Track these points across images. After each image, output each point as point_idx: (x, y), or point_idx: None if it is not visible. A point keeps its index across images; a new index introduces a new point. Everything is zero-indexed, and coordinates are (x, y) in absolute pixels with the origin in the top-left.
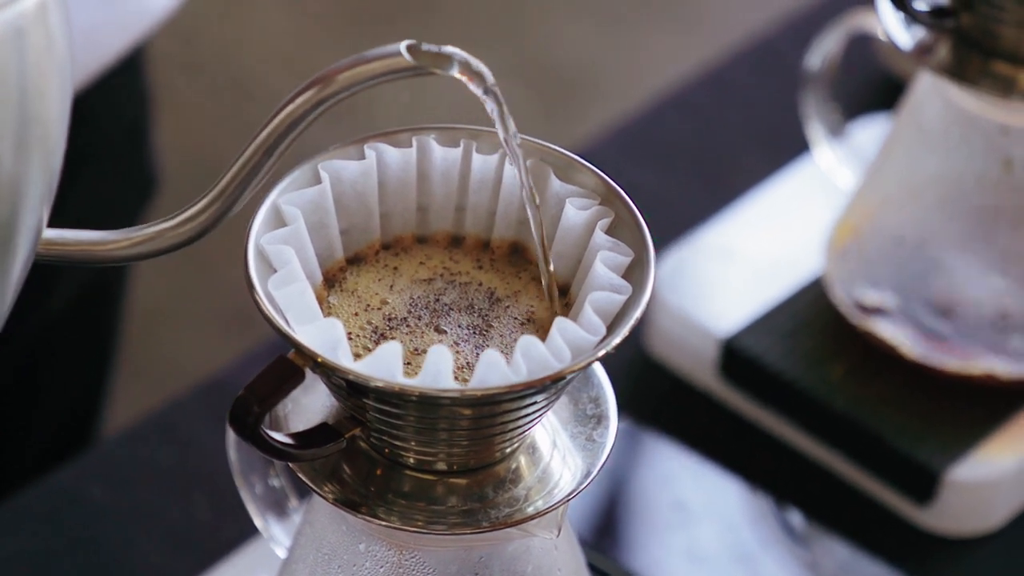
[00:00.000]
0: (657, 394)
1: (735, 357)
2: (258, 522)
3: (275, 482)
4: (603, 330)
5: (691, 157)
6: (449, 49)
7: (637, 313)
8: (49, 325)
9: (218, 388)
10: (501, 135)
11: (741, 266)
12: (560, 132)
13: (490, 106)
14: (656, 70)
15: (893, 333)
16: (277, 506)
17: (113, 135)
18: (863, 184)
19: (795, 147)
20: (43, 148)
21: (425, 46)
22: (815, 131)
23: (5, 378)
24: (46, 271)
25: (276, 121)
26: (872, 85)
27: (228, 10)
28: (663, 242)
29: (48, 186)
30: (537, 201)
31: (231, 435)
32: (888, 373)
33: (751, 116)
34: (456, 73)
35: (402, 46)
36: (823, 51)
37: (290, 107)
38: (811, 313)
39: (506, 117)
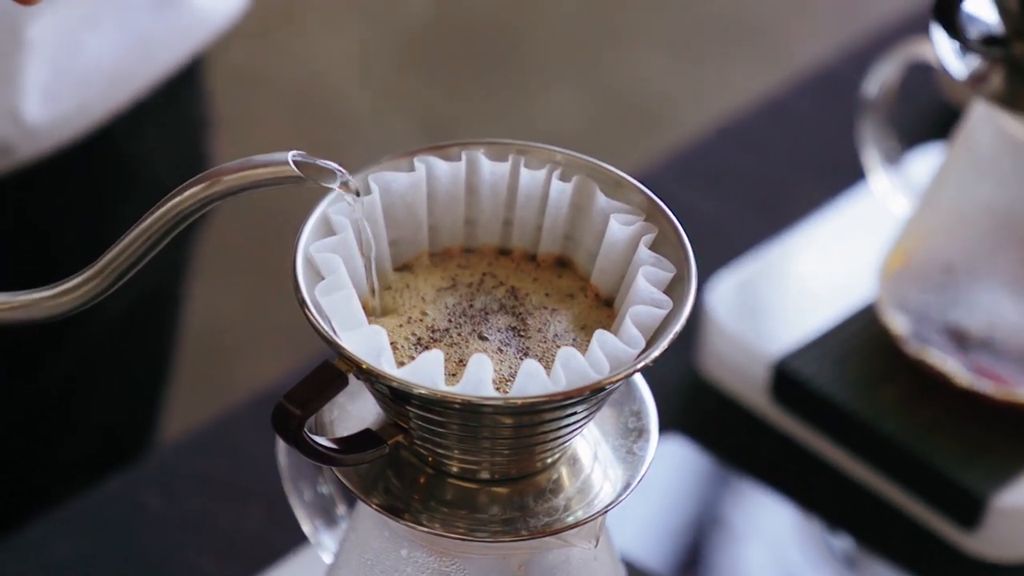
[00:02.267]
0: (708, 414)
1: (786, 380)
2: (306, 528)
3: (324, 489)
4: (642, 343)
5: (749, 183)
6: (330, 164)
7: (677, 327)
8: (104, 331)
9: (273, 399)
10: (366, 251)
11: (794, 290)
12: (635, 162)
13: (359, 216)
14: (734, 102)
15: (942, 360)
16: (325, 513)
17: (171, 143)
18: (916, 211)
19: (852, 175)
20: None
21: (309, 159)
22: (871, 158)
23: (59, 384)
24: None
25: (160, 211)
26: (931, 114)
27: (304, 28)
28: (718, 265)
29: None
30: None
31: (281, 442)
32: (937, 399)
33: (809, 143)
34: (336, 187)
35: (289, 156)
36: (880, 79)
37: (176, 200)
38: (862, 338)
39: (368, 238)
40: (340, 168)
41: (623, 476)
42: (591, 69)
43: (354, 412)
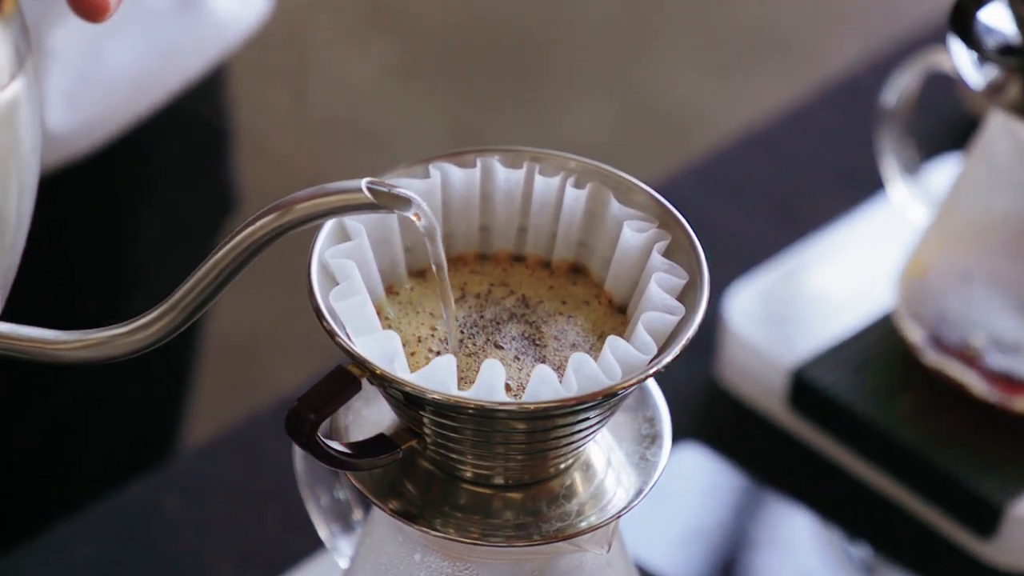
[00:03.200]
0: (726, 422)
1: (804, 388)
2: (322, 532)
3: (340, 495)
4: (654, 349)
5: (769, 192)
6: (405, 192)
7: (689, 333)
8: None
9: None
10: (434, 267)
11: (813, 299)
12: (661, 173)
13: (429, 247)
14: (762, 114)
15: (959, 369)
16: (342, 518)
17: (193, 151)
18: (934, 221)
19: (872, 184)
20: (1, 243)
21: (383, 187)
22: (890, 167)
23: (81, 398)
24: (124, 290)
25: (233, 243)
26: (952, 124)
27: (332, 37)
28: (737, 274)
29: (4, 280)
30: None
31: (297, 447)
32: (954, 408)
33: (830, 153)
34: (411, 215)
35: (363, 183)
36: (899, 89)
37: (248, 230)
38: (880, 347)
39: (441, 259)
40: (414, 195)
41: (636, 482)
42: (619, 80)
43: (369, 417)
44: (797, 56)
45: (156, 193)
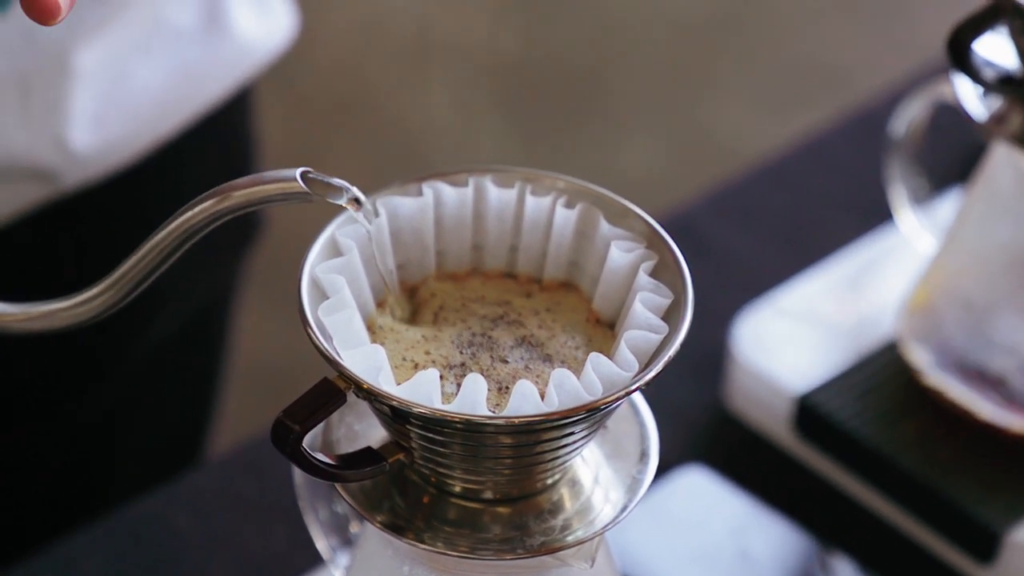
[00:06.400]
0: (732, 447)
1: (809, 414)
2: (320, 545)
3: (339, 508)
4: (636, 366)
5: (782, 221)
6: (340, 182)
7: (670, 352)
8: (147, 361)
9: None
10: (380, 267)
11: (819, 326)
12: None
13: (372, 238)
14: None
15: (962, 395)
16: (340, 531)
17: (216, 176)
18: (939, 250)
19: (884, 213)
20: None
21: (317, 175)
22: (898, 197)
23: (103, 413)
24: (143, 313)
25: (172, 225)
26: (966, 155)
27: (391, 67)
28: (746, 301)
29: None
30: None
31: None
32: (958, 434)
33: (844, 182)
34: (344, 202)
35: (297, 173)
36: (907, 119)
37: (187, 215)
38: (885, 374)
39: (387, 253)
40: (348, 184)
41: (623, 499)
42: (675, 114)
43: (361, 432)
44: (854, 90)
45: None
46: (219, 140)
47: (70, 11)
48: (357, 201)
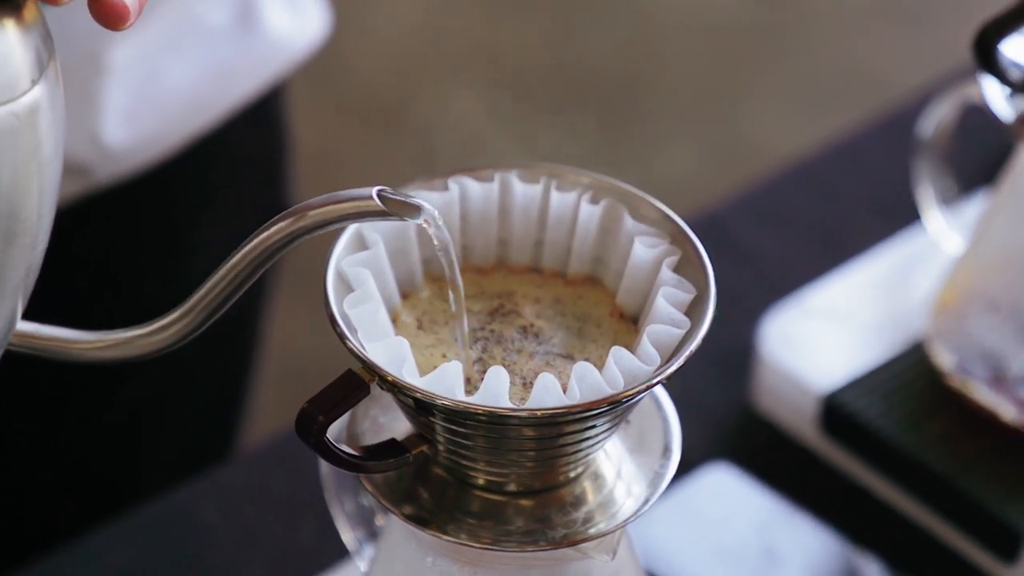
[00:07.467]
0: (759, 445)
1: (835, 413)
2: (346, 537)
3: (365, 501)
4: (657, 360)
5: (811, 221)
6: (416, 200)
7: (692, 346)
8: (177, 363)
9: None
10: (447, 275)
11: (846, 326)
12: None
13: (442, 259)
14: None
15: (987, 396)
16: (366, 524)
17: (247, 174)
18: (966, 250)
19: (914, 214)
20: (22, 242)
21: (392, 194)
22: (926, 198)
23: (133, 415)
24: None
25: (248, 248)
26: (997, 156)
27: (427, 73)
28: (774, 300)
29: (25, 279)
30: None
31: None
32: (983, 435)
33: (874, 183)
34: (421, 222)
35: (374, 191)
36: (935, 120)
37: (263, 236)
38: (911, 374)
39: (454, 268)
40: (424, 203)
41: (646, 493)
42: (713, 121)
43: (386, 425)
44: (891, 97)
45: (211, 213)
46: (251, 138)
47: (139, 16)
48: (432, 219)
